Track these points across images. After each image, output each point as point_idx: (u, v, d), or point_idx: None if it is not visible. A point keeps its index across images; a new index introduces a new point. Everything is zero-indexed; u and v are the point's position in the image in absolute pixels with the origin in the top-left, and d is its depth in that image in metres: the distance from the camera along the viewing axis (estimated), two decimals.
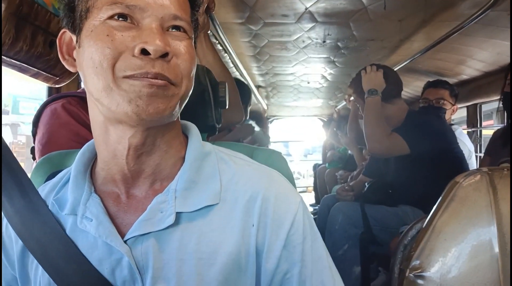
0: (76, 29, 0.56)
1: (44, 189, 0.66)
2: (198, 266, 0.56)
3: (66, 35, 0.59)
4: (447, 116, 2.43)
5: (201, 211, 0.58)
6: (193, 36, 0.59)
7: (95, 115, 0.58)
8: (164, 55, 0.52)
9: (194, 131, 0.66)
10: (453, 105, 2.46)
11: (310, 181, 6.20)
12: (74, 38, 0.57)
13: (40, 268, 0.59)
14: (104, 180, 0.61)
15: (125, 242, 0.56)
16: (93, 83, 0.53)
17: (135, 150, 0.57)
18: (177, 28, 0.56)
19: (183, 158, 0.61)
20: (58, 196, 0.62)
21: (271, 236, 0.58)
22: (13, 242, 0.63)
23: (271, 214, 0.59)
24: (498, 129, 1.88)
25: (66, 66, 0.61)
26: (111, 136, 0.57)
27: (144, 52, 0.51)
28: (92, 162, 0.64)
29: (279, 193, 0.61)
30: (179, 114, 0.60)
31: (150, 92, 0.52)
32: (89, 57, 0.52)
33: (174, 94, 0.55)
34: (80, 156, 0.63)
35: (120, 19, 0.53)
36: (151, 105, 0.52)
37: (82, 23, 0.55)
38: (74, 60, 0.58)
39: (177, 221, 0.57)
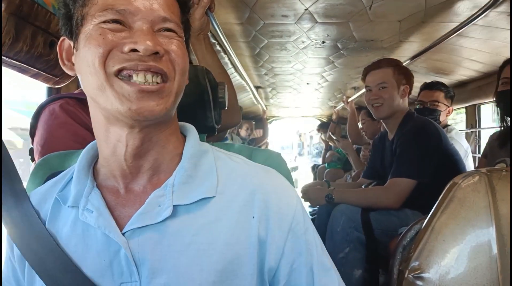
0: (73, 35, 0.60)
1: (42, 188, 0.68)
2: (196, 257, 0.58)
3: (65, 42, 0.63)
4: (442, 118, 2.43)
5: (198, 204, 0.60)
6: (183, 35, 0.62)
7: (96, 114, 0.60)
8: (155, 53, 0.55)
9: (192, 131, 0.69)
10: (448, 107, 2.45)
11: (302, 171, 8.53)
12: (72, 44, 0.61)
13: (35, 276, 0.61)
14: (105, 176, 0.64)
15: (123, 234, 0.58)
16: (88, 82, 0.56)
17: (132, 147, 0.59)
18: (167, 29, 0.59)
19: (181, 155, 0.64)
20: (62, 192, 0.65)
21: (274, 228, 0.60)
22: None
23: (272, 207, 0.61)
24: (495, 132, 1.88)
25: (66, 70, 0.64)
26: (111, 134, 0.59)
27: (134, 51, 0.54)
28: (95, 159, 0.67)
29: (279, 187, 0.64)
30: (175, 110, 0.63)
31: (140, 96, 0.54)
32: (84, 57, 0.56)
33: (169, 92, 0.57)
34: (84, 153, 0.66)
35: (113, 22, 0.56)
36: (144, 107, 0.54)
37: (79, 30, 0.58)
38: (73, 64, 0.62)
39: (174, 214, 0.59)
